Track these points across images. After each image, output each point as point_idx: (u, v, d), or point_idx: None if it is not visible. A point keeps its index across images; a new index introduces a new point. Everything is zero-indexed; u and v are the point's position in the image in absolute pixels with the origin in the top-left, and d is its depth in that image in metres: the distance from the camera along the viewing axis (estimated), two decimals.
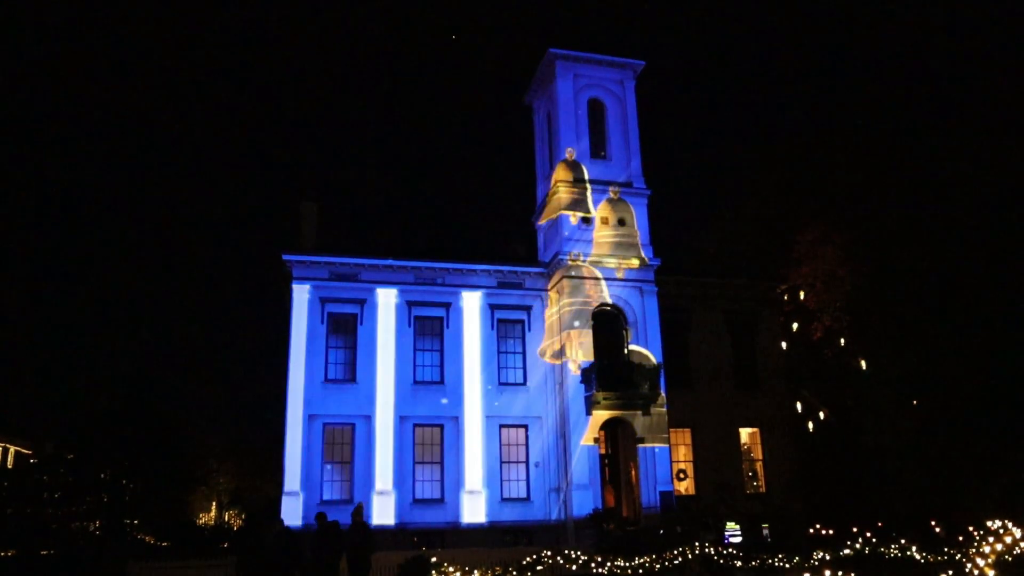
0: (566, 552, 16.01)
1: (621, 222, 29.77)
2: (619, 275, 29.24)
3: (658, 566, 16.20)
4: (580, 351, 28.28)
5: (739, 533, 25.76)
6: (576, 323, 28.49)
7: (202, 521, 60.51)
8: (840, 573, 10.74)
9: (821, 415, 26.09)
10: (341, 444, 27.57)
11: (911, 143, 29.89)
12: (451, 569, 15.29)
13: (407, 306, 29.05)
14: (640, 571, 16.15)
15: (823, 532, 21.95)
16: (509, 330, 29.89)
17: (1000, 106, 28.97)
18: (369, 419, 27.64)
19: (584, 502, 26.66)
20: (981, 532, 12.34)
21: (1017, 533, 11.85)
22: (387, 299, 28.78)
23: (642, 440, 27.96)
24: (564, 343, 28.59)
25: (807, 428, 26.03)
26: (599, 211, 29.64)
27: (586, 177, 29.91)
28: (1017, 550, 11.44)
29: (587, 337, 28.52)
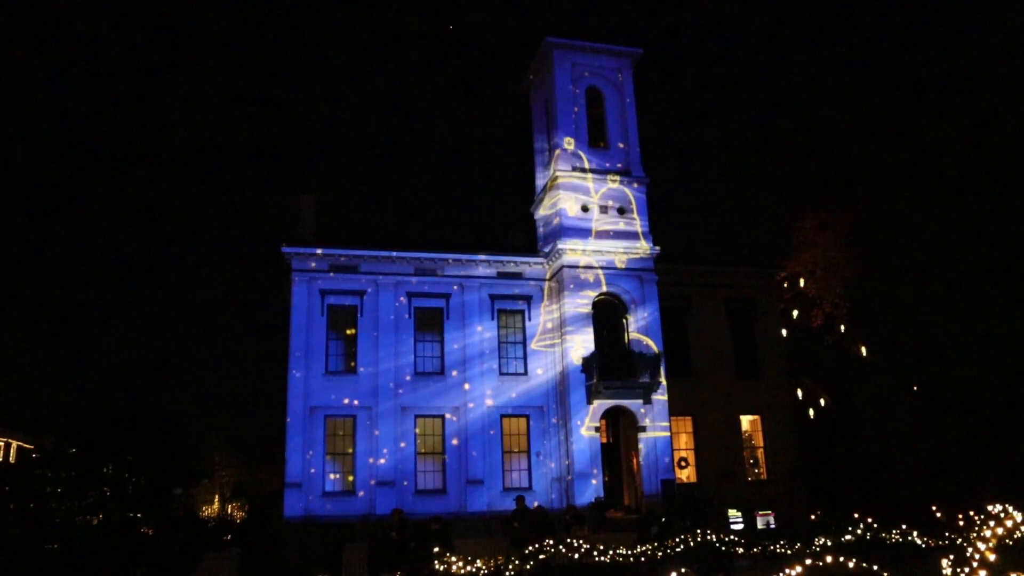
0: (568, 540, 16.03)
1: (620, 211, 29.73)
2: (619, 264, 29.24)
3: (660, 554, 16.22)
4: (580, 341, 28.31)
5: (740, 520, 25.87)
6: (576, 313, 28.51)
7: (205, 514, 60.76)
8: (842, 559, 10.77)
9: (822, 402, 26.14)
10: (343, 436, 27.63)
11: (910, 129, 29.80)
12: (454, 559, 15.33)
13: (407, 297, 29.05)
14: (643, 559, 16.19)
15: (824, 518, 22.02)
16: (509, 320, 29.90)
17: (1002, 92, 28.86)
18: (370, 410, 27.68)
19: (586, 491, 26.73)
20: (982, 516, 12.35)
21: (1018, 517, 11.86)
22: (387, 290, 28.78)
23: (643, 428, 28.02)
24: (564, 333, 28.61)
25: (808, 415, 26.09)
26: (598, 200, 29.59)
27: (584, 166, 29.86)
28: (1018, 534, 11.46)
29: (587, 326, 28.56)
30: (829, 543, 16.59)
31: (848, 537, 16.85)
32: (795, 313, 26.36)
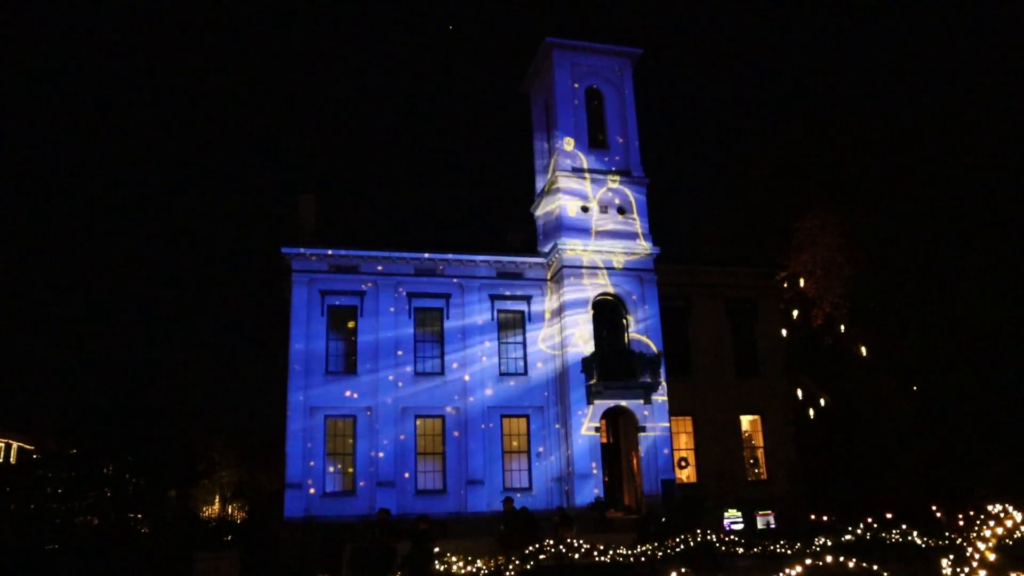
0: (568, 540, 16.03)
1: (620, 211, 29.73)
2: (618, 264, 29.23)
3: (660, 554, 16.22)
4: (580, 341, 28.31)
5: (740, 520, 25.87)
6: (576, 313, 28.51)
7: (206, 514, 60.70)
8: (842, 559, 10.78)
9: (822, 402, 26.16)
10: (343, 436, 27.64)
11: (911, 129, 29.81)
12: (454, 559, 15.33)
13: (407, 297, 29.05)
14: (642, 559, 16.19)
15: (824, 518, 22.04)
16: (509, 320, 29.90)
17: (1002, 93, 28.88)
18: (370, 411, 27.69)
19: (586, 491, 26.73)
20: (982, 516, 12.38)
21: (1018, 517, 11.88)
22: (387, 290, 28.78)
23: (643, 429, 28.02)
24: (564, 333, 28.60)
25: (808, 415, 26.10)
26: (598, 200, 29.59)
27: (584, 166, 29.86)
28: (1018, 534, 11.47)
29: (587, 326, 28.55)
30: (829, 543, 16.60)
31: (848, 537, 16.87)
32: (795, 313, 26.39)
